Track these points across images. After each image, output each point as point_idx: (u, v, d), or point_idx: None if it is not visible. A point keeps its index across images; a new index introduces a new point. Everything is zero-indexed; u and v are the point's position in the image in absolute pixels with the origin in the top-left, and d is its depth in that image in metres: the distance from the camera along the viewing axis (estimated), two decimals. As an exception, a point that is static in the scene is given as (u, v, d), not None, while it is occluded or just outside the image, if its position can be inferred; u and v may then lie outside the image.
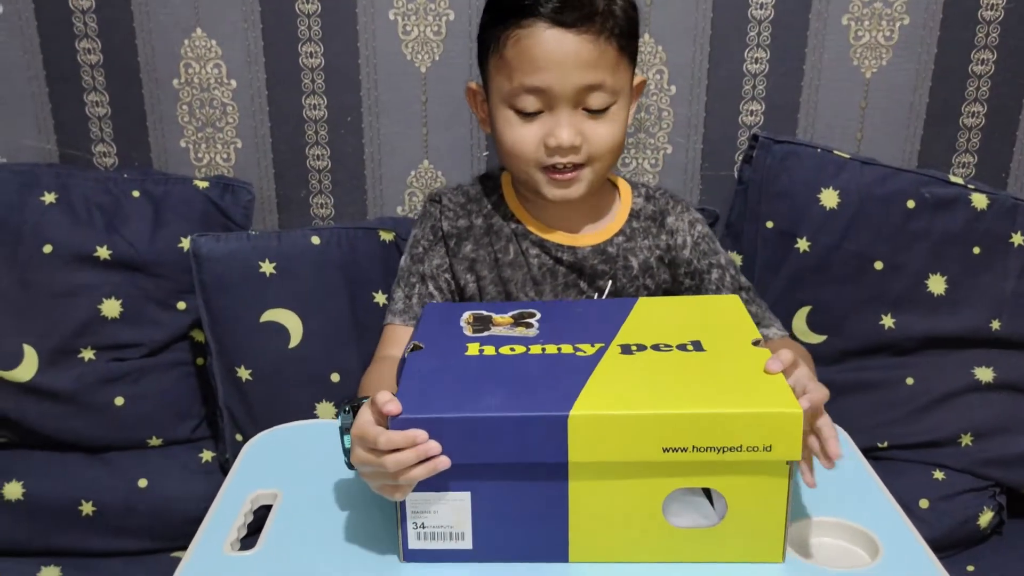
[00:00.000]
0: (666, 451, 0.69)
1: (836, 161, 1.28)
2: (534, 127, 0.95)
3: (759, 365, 0.75)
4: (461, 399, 0.71)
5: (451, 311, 0.90)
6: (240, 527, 0.83)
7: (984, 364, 1.28)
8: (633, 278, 1.03)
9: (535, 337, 0.83)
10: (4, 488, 1.23)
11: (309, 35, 1.30)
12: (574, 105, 0.93)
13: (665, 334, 0.82)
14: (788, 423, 0.68)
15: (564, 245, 1.02)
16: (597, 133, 0.95)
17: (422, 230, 1.05)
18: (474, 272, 1.02)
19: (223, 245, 1.21)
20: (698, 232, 1.06)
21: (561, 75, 0.91)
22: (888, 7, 1.29)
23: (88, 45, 1.30)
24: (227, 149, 1.36)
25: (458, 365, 0.77)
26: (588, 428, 0.69)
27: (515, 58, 0.93)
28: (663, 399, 0.71)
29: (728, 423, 0.68)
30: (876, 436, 1.27)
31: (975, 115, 1.35)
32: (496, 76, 0.96)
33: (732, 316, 0.87)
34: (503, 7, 0.94)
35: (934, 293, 1.27)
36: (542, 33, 0.91)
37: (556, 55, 0.91)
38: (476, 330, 0.85)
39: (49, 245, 1.22)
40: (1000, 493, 1.27)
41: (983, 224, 1.27)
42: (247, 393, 1.24)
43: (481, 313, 0.89)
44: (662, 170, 1.37)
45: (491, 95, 0.98)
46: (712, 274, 1.05)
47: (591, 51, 0.91)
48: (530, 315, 0.88)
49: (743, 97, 1.34)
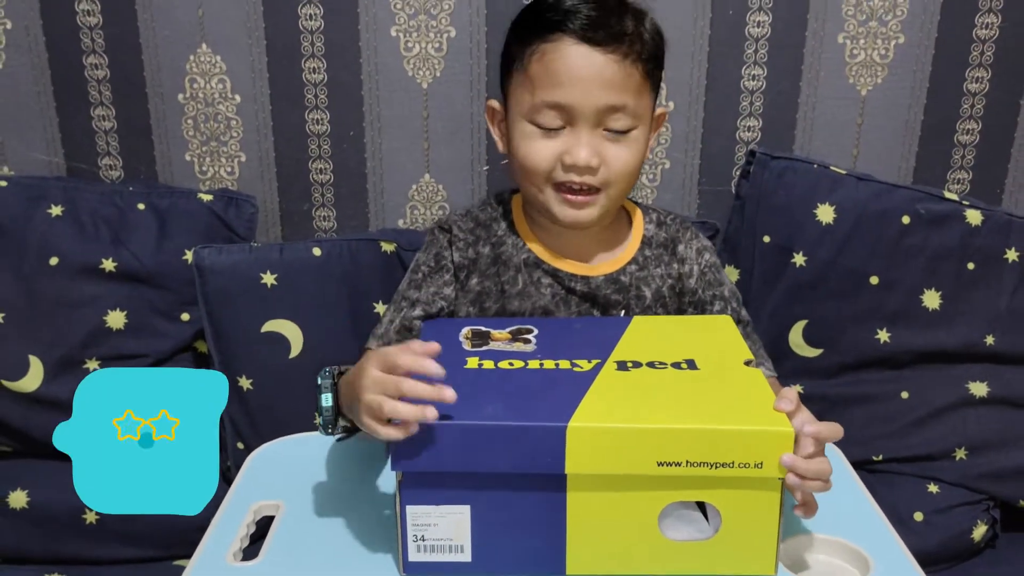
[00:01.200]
0: (661, 465, 0.71)
1: (832, 177, 1.29)
2: (552, 143, 0.92)
3: (751, 384, 0.77)
4: (461, 408, 0.72)
5: (450, 327, 0.91)
6: (243, 537, 0.84)
7: (978, 379, 1.29)
8: (646, 308, 1.00)
9: (533, 352, 0.84)
10: (9, 496, 1.25)
11: (312, 51, 1.32)
12: (595, 125, 0.91)
13: (660, 352, 0.84)
14: (778, 441, 0.70)
15: (578, 275, 0.99)
16: (616, 156, 0.93)
17: (426, 256, 1.02)
18: (479, 305, 0.99)
19: (226, 257, 1.23)
20: (705, 261, 1.04)
21: (584, 92, 0.90)
22: (883, 26, 1.31)
23: (95, 60, 1.32)
24: (231, 163, 1.38)
25: (457, 377, 0.78)
26: (586, 439, 0.70)
27: (539, 73, 0.91)
28: (659, 414, 0.72)
29: (721, 440, 0.70)
30: (871, 449, 1.28)
31: (970, 132, 1.36)
32: (518, 91, 0.94)
33: (725, 336, 0.89)
34: (530, 24, 0.93)
35: (929, 308, 1.28)
36: (568, 48, 0.90)
37: (581, 72, 0.90)
38: (475, 344, 0.86)
39: (56, 257, 1.24)
40: (994, 507, 1.28)
41: (977, 240, 1.28)
42: (248, 402, 1.26)
43: (480, 329, 0.90)
44: (660, 185, 1.39)
45: (511, 112, 0.96)
46: (715, 306, 1.03)
47: (616, 71, 0.90)
48: (528, 331, 0.89)
49: (740, 113, 1.35)
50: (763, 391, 0.76)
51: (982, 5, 1.30)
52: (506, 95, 0.98)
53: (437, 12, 1.30)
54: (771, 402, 0.74)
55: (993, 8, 1.30)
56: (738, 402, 0.75)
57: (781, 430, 0.70)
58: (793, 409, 0.73)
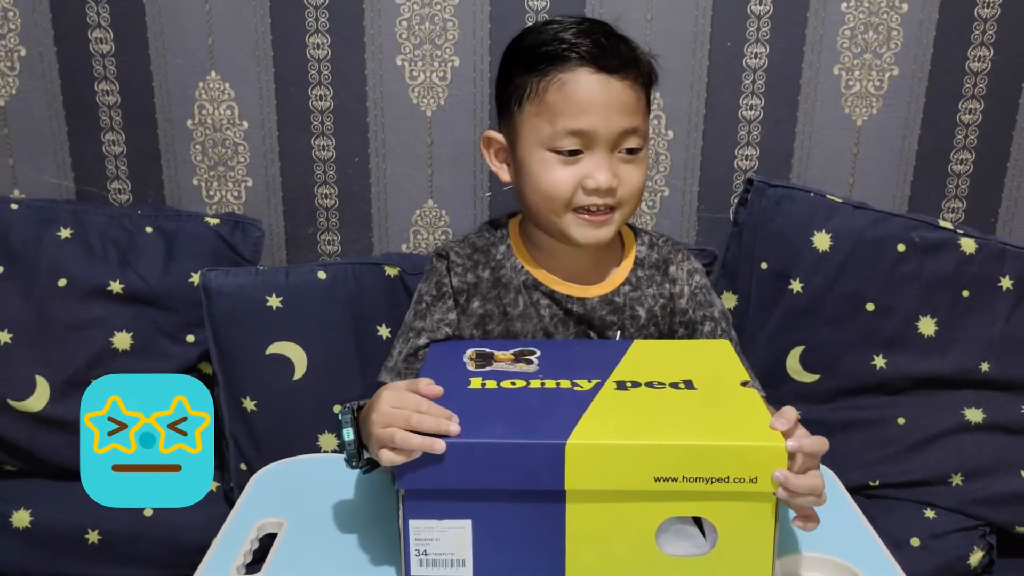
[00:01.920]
0: (658, 480, 0.72)
1: (829, 205, 1.31)
2: (572, 169, 0.95)
3: (747, 403, 0.79)
4: (464, 426, 0.74)
5: (455, 348, 0.94)
6: (246, 553, 0.85)
7: (974, 405, 1.30)
8: (641, 327, 1.03)
9: (535, 372, 0.86)
10: (12, 516, 1.26)
11: (319, 79, 1.35)
12: (611, 148, 0.95)
13: (659, 373, 0.86)
14: (772, 456, 0.71)
15: (574, 297, 1.01)
16: (629, 175, 0.96)
17: (427, 285, 1.03)
18: (482, 328, 1.02)
19: (232, 280, 1.25)
20: (696, 283, 1.06)
21: (605, 118, 0.93)
22: (878, 58, 1.34)
23: (107, 87, 1.35)
24: (238, 187, 1.40)
25: (461, 397, 0.80)
26: (585, 456, 0.72)
27: (558, 102, 0.93)
28: (656, 431, 0.74)
29: (716, 455, 0.72)
30: (868, 474, 1.29)
31: (963, 162, 1.39)
32: (532, 121, 0.96)
33: (723, 359, 0.91)
34: (538, 56, 0.95)
35: (924, 335, 1.29)
36: (586, 77, 0.93)
37: (601, 98, 0.93)
38: (479, 365, 0.88)
39: (64, 279, 1.26)
40: (990, 533, 1.28)
41: (972, 268, 1.30)
42: (252, 424, 1.27)
43: (484, 350, 0.92)
44: (659, 211, 1.41)
45: (523, 142, 0.97)
46: (705, 326, 1.05)
47: (630, 96, 0.94)
48: (530, 352, 0.91)
49: (738, 142, 1.38)
50: (759, 409, 0.78)
51: (975, 39, 1.33)
52: (513, 126, 0.98)
53: (442, 42, 1.33)
54: (766, 419, 0.75)
55: (985, 42, 1.33)
56: (734, 419, 0.76)
57: (774, 445, 0.72)
58: (789, 428, 0.74)
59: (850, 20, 1.32)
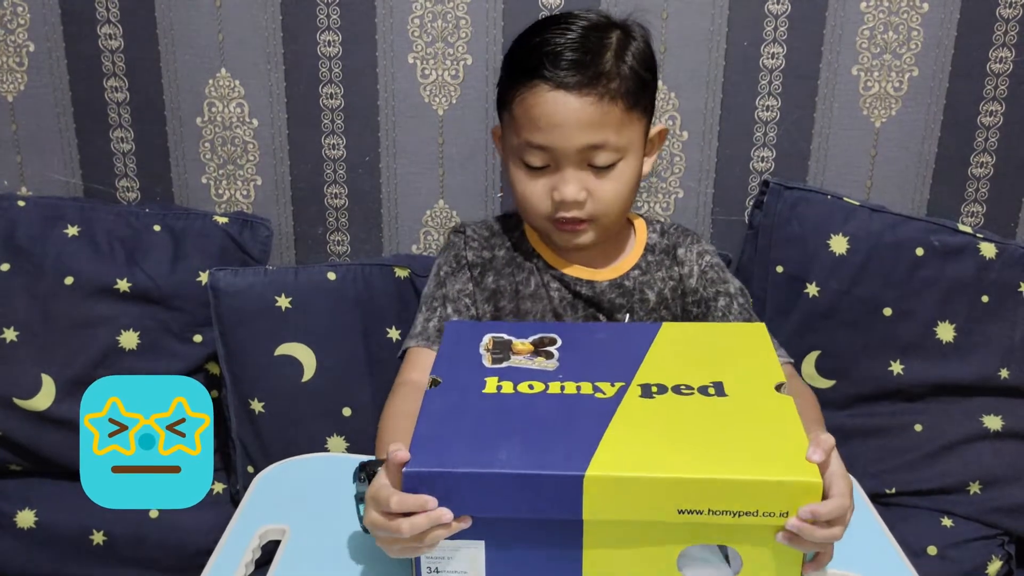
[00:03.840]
0: (681, 512, 0.68)
1: (846, 208, 1.29)
2: (542, 181, 0.97)
3: (781, 416, 0.74)
4: (476, 449, 0.70)
5: (472, 332, 0.89)
6: (248, 563, 0.84)
7: (993, 412, 1.28)
8: (650, 311, 1.04)
9: (555, 372, 0.81)
10: (17, 516, 1.25)
11: (330, 77, 1.33)
12: (578, 163, 0.95)
13: (687, 371, 0.81)
14: (806, 491, 0.67)
15: (583, 279, 1.04)
16: (602, 189, 0.96)
17: (445, 258, 1.06)
18: (493, 303, 1.04)
19: (240, 279, 1.24)
20: (706, 262, 1.07)
21: (563, 135, 0.93)
22: (897, 59, 1.32)
23: (116, 84, 1.34)
24: (247, 186, 1.39)
25: (475, 405, 0.76)
26: (603, 488, 0.68)
27: (521, 116, 0.95)
28: (680, 460, 0.69)
29: (745, 489, 0.67)
30: (884, 482, 1.27)
31: (984, 165, 1.36)
32: (507, 130, 0.99)
33: (756, 349, 0.85)
34: (513, 67, 0.97)
35: (943, 340, 1.27)
36: (544, 95, 0.93)
37: (557, 117, 0.93)
38: (495, 359, 0.84)
39: (71, 277, 1.25)
40: (1009, 542, 1.27)
41: (992, 273, 1.28)
42: (260, 426, 1.25)
43: (501, 337, 0.87)
44: (673, 214, 1.39)
45: (504, 147, 1.02)
46: (719, 301, 1.04)
47: (593, 113, 0.92)
48: (551, 341, 0.87)
49: (754, 144, 1.36)
50: (793, 427, 0.73)
51: (996, 39, 1.31)
52: (502, 125, 1.02)
53: (454, 40, 1.31)
54: (801, 441, 0.71)
55: (1007, 43, 1.30)
56: (766, 441, 0.71)
57: (809, 480, 0.67)
58: (825, 460, 0.70)
59: (869, 20, 1.30)
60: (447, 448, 0.71)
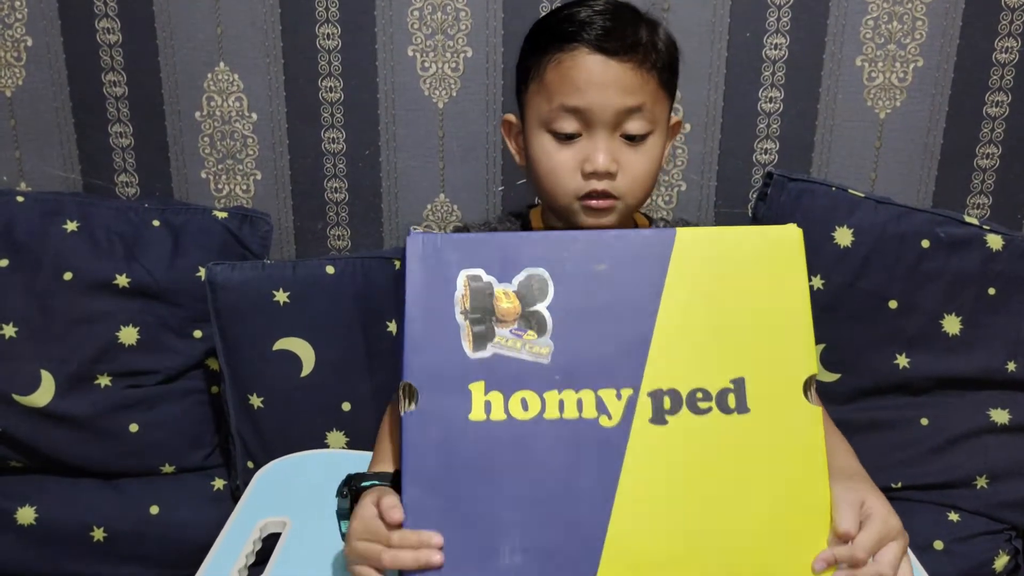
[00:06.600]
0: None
1: (850, 200, 1.28)
2: (571, 152, 0.93)
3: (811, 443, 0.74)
4: (475, 543, 0.70)
5: (439, 261, 0.75)
6: (248, 554, 0.84)
7: (999, 406, 1.27)
8: None
9: (549, 366, 0.74)
10: (17, 512, 1.25)
11: (329, 70, 1.32)
12: (612, 129, 0.93)
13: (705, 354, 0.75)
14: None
15: None
16: (632, 162, 0.94)
17: None
18: None
19: (238, 274, 1.23)
20: None
21: (602, 96, 0.91)
22: (902, 49, 1.30)
23: (114, 78, 1.33)
24: (247, 181, 1.38)
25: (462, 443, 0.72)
26: None
27: (556, 80, 0.93)
28: (699, 539, 0.71)
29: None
30: (890, 476, 1.26)
31: (990, 156, 1.35)
32: (535, 100, 0.96)
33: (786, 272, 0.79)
34: (545, 35, 0.95)
35: (949, 333, 1.26)
36: (584, 57, 0.91)
37: (598, 78, 0.91)
38: (477, 333, 0.74)
39: (69, 272, 1.24)
40: (1016, 537, 1.26)
41: (998, 265, 1.26)
42: (259, 421, 1.25)
43: (479, 280, 0.75)
44: (676, 207, 1.38)
45: (528, 123, 0.98)
46: None
47: (632, 78, 0.92)
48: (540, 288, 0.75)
49: (758, 135, 1.35)
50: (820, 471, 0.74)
51: (1002, 29, 1.29)
52: (523, 107, 0.99)
53: (454, 32, 1.30)
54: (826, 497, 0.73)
55: (1013, 32, 1.29)
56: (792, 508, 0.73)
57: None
58: (856, 533, 0.72)
59: (873, 10, 1.29)
60: (442, 526, 0.70)
